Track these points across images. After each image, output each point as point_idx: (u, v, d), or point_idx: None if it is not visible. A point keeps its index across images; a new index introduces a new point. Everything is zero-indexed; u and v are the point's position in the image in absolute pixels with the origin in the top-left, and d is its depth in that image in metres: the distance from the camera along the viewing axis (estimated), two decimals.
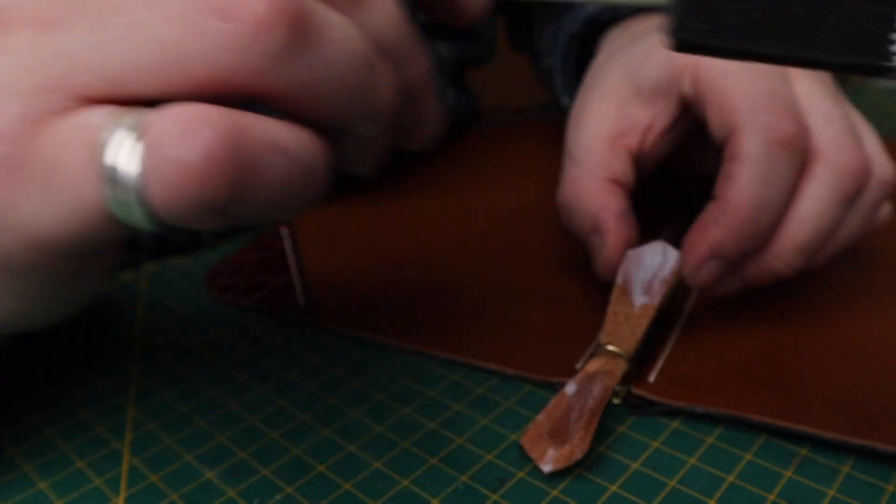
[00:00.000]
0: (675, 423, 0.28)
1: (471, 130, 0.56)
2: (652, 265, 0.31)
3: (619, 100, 0.35)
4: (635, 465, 0.26)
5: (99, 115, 0.16)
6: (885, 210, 0.33)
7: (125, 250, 0.39)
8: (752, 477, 0.25)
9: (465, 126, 0.56)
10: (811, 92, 0.31)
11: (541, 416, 0.26)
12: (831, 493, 0.24)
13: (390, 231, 0.41)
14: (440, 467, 0.26)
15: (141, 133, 0.15)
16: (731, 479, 0.25)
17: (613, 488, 0.25)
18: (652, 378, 0.29)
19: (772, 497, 0.24)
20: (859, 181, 0.30)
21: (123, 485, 0.25)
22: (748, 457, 0.26)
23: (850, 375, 0.29)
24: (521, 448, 0.26)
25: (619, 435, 0.27)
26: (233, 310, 0.35)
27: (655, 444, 0.27)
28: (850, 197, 0.30)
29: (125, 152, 0.15)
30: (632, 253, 0.31)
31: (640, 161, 0.35)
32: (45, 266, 0.18)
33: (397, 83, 0.19)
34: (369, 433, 0.27)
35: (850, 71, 0.18)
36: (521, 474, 0.25)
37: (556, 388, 0.29)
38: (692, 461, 0.26)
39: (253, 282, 0.37)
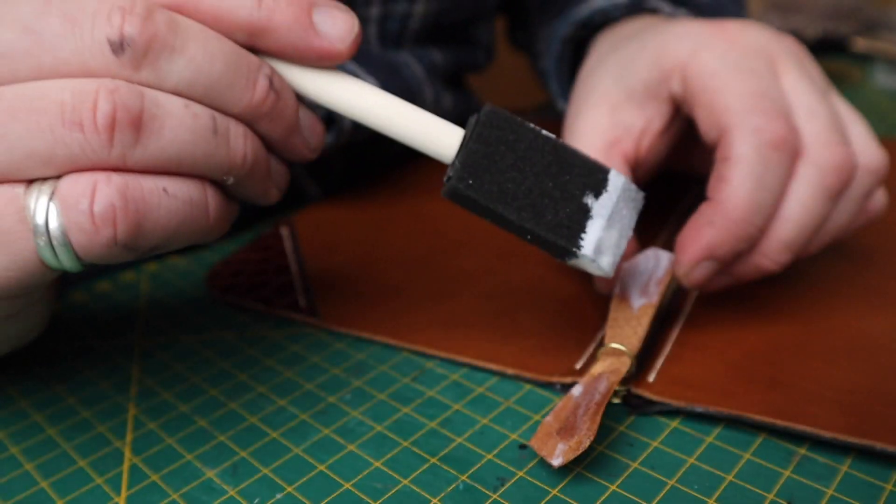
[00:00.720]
0: (675, 423, 0.28)
1: None
2: (646, 269, 0.31)
3: (611, 106, 0.35)
4: (635, 465, 0.26)
5: (12, 187, 0.20)
6: (879, 198, 0.33)
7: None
8: (752, 476, 0.25)
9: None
10: (796, 86, 0.31)
11: (549, 418, 0.26)
12: (830, 491, 0.24)
13: (390, 231, 0.41)
14: (440, 467, 0.26)
15: (52, 196, 0.20)
16: (730, 478, 0.25)
17: (613, 487, 0.25)
18: (651, 378, 0.29)
19: (771, 496, 0.24)
20: (843, 177, 0.30)
21: (124, 484, 0.25)
22: (747, 456, 0.26)
23: (848, 375, 0.29)
24: (522, 448, 0.27)
25: (618, 434, 0.27)
26: (233, 310, 0.35)
27: (655, 444, 0.27)
28: (835, 193, 0.30)
29: (48, 211, 0.20)
30: (626, 265, 0.31)
31: (637, 166, 0.35)
32: None
33: (247, 136, 0.23)
34: (369, 432, 0.27)
35: (555, 249, 0.25)
36: (521, 473, 0.26)
37: (555, 387, 0.29)
38: (691, 460, 0.26)
39: (253, 282, 0.37)
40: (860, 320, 0.32)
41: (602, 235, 0.26)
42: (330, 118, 0.43)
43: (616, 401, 0.29)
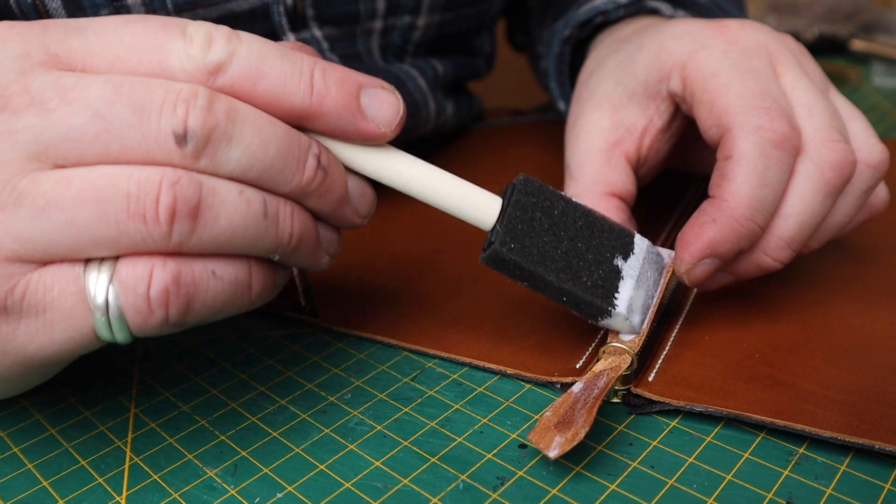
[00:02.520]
0: (674, 422, 0.28)
1: (471, 130, 0.56)
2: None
3: (613, 107, 0.35)
4: (634, 464, 0.26)
5: (73, 267, 0.21)
6: (881, 194, 0.33)
7: None
8: (751, 475, 0.25)
9: (467, 127, 0.56)
10: (795, 85, 0.31)
11: (548, 413, 0.26)
12: (829, 491, 0.25)
13: (390, 231, 0.41)
14: (440, 466, 0.26)
15: (111, 277, 0.21)
16: (729, 477, 0.25)
17: (613, 487, 0.25)
18: (651, 377, 0.29)
19: (770, 495, 0.24)
20: (842, 174, 0.30)
21: (125, 483, 0.26)
22: (746, 455, 0.26)
23: (847, 374, 0.29)
24: (521, 447, 0.27)
25: (618, 434, 0.27)
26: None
27: (654, 443, 0.27)
28: (835, 190, 0.30)
29: (106, 292, 0.21)
30: None
31: (640, 166, 0.35)
32: (29, 374, 0.24)
33: (295, 214, 0.24)
34: (369, 432, 0.28)
35: (591, 308, 0.28)
36: (520, 473, 0.26)
37: (555, 387, 0.29)
38: (691, 460, 0.26)
39: None
40: (859, 320, 0.33)
41: (633, 295, 0.28)
42: None
43: (616, 400, 0.29)
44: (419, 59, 0.47)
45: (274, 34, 0.40)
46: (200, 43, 0.22)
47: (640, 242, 0.29)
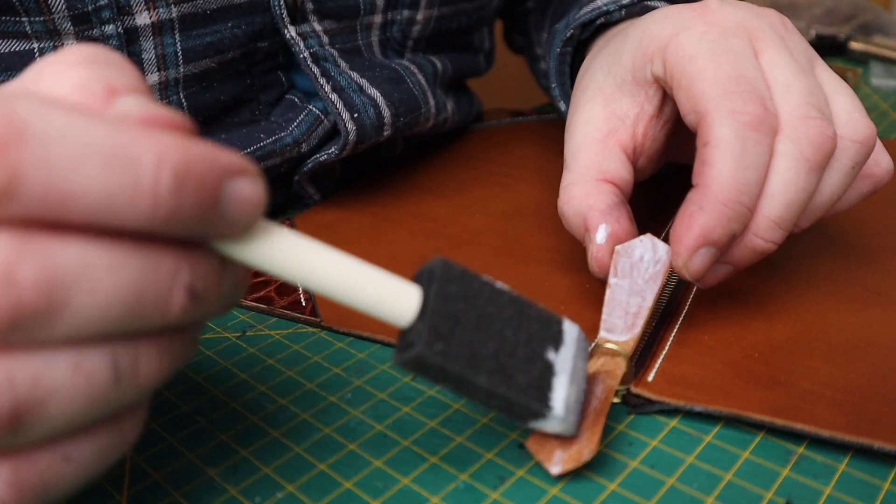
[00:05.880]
0: (674, 422, 0.28)
1: (471, 130, 0.56)
2: (642, 263, 0.31)
3: (604, 98, 0.35)
4: (634, 464, 0.26)
5: None
6: (884, 164, 0.33)
7: None
8: (750, 475, 0.25)
9: (467, 127, 0.56)
10: (775, 63, 0.31)
11: None
12: (828, 490, 0.25)
13: (390, 231, 0.42)
14: (440, 466, 0.26)
15: None
16: (729, 476, 0.25)
17: (612, 486, 0.25)
18: (651, 377, 0.29)
19: (769, 495, 0.24)
20: (822, 150, 0.30)
21: (126, 483, 0.26)
22: (746, 455, 0.26)
23: (847, 374, 0.29)
24: (521, 447, 0.27)
25: (618, 433, 0.27)
26: (233, 310, 0.35)
27: (654, 443, 0.27)
28: (817, 166, 0.30)
29: None
30: (621, 248, 0.31)
31: (637, 156, 0.35)
32: None
33: (161, 353, 0.19)
34: (370, 432, 0.28)
35: (525, 412, 0.23)
36: (520, 472, 0.26)
37: None
38: (690, 459, 0.26)
39: (254, 281, 0.37)
40: (859, 320, 0.33)
41: (568, 392, 0.24)
42: (335, 129, 0.44)
43: (616, 400, 0.29)
44: (419, 55, 0.47)
45: (274, 27, 0.41)
46: None
47: (570, 329, 0.25)
